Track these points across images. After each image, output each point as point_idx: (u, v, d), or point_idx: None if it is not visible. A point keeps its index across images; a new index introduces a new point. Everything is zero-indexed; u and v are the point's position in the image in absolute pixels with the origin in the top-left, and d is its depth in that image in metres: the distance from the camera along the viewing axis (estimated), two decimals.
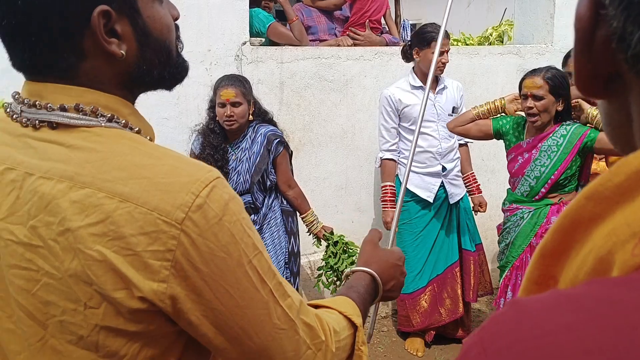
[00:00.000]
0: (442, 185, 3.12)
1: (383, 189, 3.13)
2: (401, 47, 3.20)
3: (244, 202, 2.67)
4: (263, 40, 3.30)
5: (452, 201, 3.15)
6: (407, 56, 3.10)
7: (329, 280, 2.80)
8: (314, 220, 2.87)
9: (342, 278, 2.78)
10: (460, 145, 3.23)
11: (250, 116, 2.69)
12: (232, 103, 2.60)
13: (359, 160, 3.45)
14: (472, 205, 3.28)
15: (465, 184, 3.25)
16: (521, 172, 2.62)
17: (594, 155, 3.04)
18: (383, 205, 3.13)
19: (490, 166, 3.76)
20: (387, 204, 3.10)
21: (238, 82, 2.66)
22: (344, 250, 2.81)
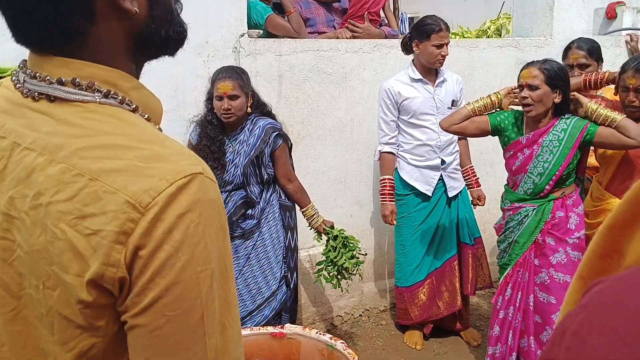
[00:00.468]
0: (441, 179, 3.11)
1: (382, 182, 3.12)
2: (400, 39, 3.18)
3: (241, 195, 2.69)
4: (261, 32, 3.27)
5: (451, 195, 3.14)
6: (406, 48, 3.08)
7: (330, 274, 2.78)
8: (314, 214, 2.85)
9: (342, 272, 2.77)
10: (459, 138, 3.21)
11: (249, 108, 2.67)
12: (230, 96, 2.57)
13: (358, 154, 3.44)
14: (471, 199, 3.27)
15: (464, 177, 3.24)
16: (523, 169, 2.54)
17: (593, 149, 3.04)
18: (382, 198, 3.11)
19: (489, 160, 3.75)
20: (386, 197, 3.08)
21: (236, 74, 2.63)
22: (344, 244, 2.79)
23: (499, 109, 2.66)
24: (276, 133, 2.68)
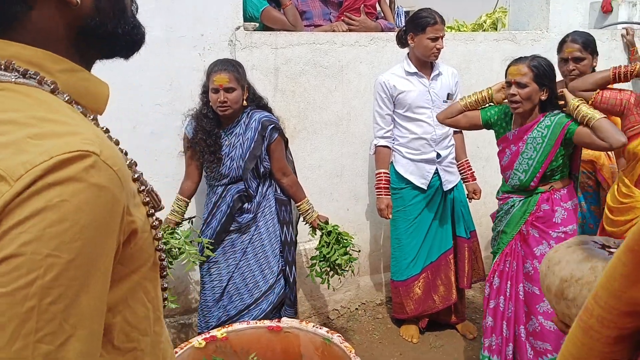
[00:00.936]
0: (436, 173, 3.11)
1: (377, 176, 3.11)
2: (396, 32, 3.18)
3: (237, 189, 2.69)
4: (257, 25, 3.25)
5: (446, 188, 3.15)
6: (402, 42, 3.07)
7: (322, 270, 2.78)
8: (309, 209, 2.85)
9: (334, 268, 2.76)
10: (455, 132, 3.21)
11: (245, 102, 2.66)
12: (226, 89, 2.56)
13: (354, 148, 3.43)
14: (466, 193, 3.27)
15: (459, 171, 3.25)
16: (511, 166, 2.57)
17: None
18: (377, 192, 3.11)
19: (485, 153, 3.76)
20: (382, 191, 3.08)
21: (231, 66, 2.62)
22: (337, 240, 2.79)
23: (491, 104, 2.68)
24: (272, 126, 2.68)
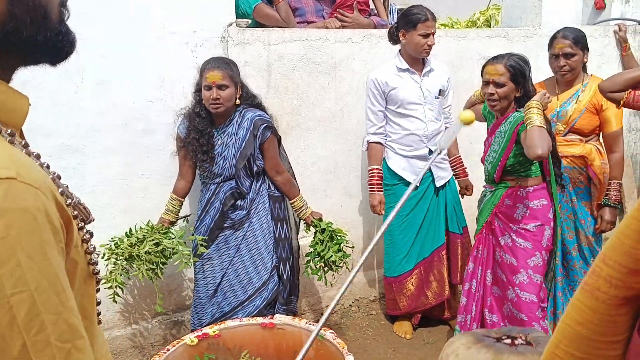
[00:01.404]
0: (428, 169, 3.11)
1: (370, 172, 3.11)
2: (388, 29, 3.17)
3: (229, 187, 2.68)
4: (250, 21, 3.24)
5: (439, 184, 3.15)
6: (393, 38, 3.07)
7: (317, 267, 2.78)
8: (303, 205, 2.85)
9: (329, 265, 2.77)
10: (446, 128, 3.22)
11: (238, 100, 2.65)
12: (219, 86, 2.56)
13: (347, 144, 3.43)
14: (458, 189, 3.28)
15: (451, 167, 3.25)
16: (484, 157, 2.73)
17: (580, 138, 3.05)
18: (370, 188, 3.11)
19: (478, 150, 3.74)
20: (374, 188, 3.09)
21: (225, 64, 2.61)
22: (331, 237, 2.79)
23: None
24: (264, 125, 2.67)
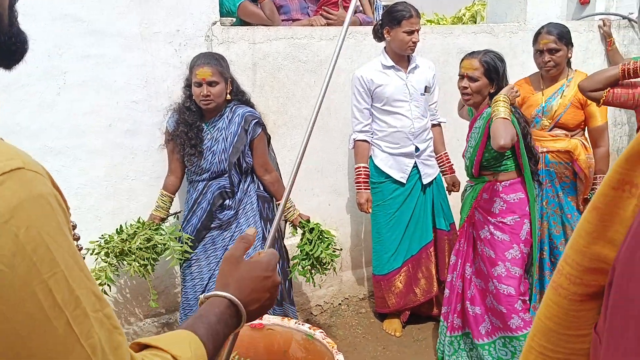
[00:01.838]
0: (415, 166, 3.12)
1: (357, 170, 3.11)
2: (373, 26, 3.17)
3: (219, 185, 2.66)
4: (234, 20, 3.21)
5: (426, 181, 3.15)
6: (378, 35, 3.06)
7: (305, 268, 2.77)
8: (290, 207, 2.83)
9: (316, 266, 2.76)
10: (433, 125, 3.22)
11: (228, 95, 2.64)
12: (209, 82, 2.55)
13: (334, 142, 3.42)
14: (445, 185, 3.28)
15: (438, 163, 3.26)
16: (464, 153, 2.77)
17: (566, 133, 3.07)
18: (357, 187, 3.11)
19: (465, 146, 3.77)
20: (361, 186, 3.08)
21: (215, 60, 2.60)
22: (320, 237, 2.78)
23: None
24: (255, 121, 2.67)
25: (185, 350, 0.72)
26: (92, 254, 2.60)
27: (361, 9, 3.87)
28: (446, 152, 3.30)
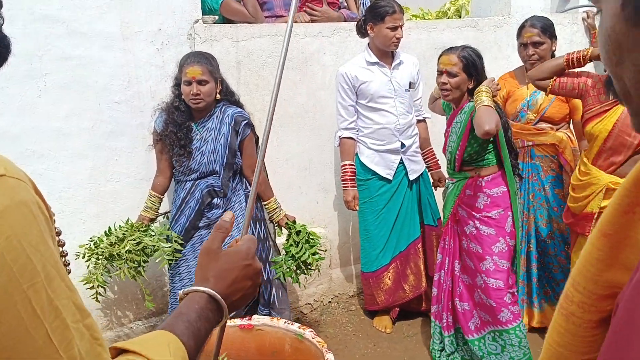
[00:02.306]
0: (401, 162, 3.11)
1: (343, 167, 3.10)
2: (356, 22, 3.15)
3: (207, 183, 2.63)
4: (217, 17, 3.18)
5: (412, 177, 3.15)
6: (361, 32, 3.05)
7: (289, 269, 2.75)
8: (277, 207, 2.82)
9: (302, 267, 2.75)
10: (418, 121, 3.22)
11: (218, 95, 2.62)
12: (199, 81, 2.53)
13: (321, 140, 3.40)
14: (432, 181, 3.28)
15: (424, 159, 3.25)
16: (445, 148, 2.78)
17: (551, 126, 3.08)
18: (343, 184, 3.10)
19: None
20: (348, 183, 3.07)
21: (204, 59, 2.58)
22: (306, 239, 2.76)
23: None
24: (245, 122, 2.66)
25: (163, 353, 0.70)
26: (82, 258, 2.57)
27: (345, 4, 3.85)
28: (432, 148, 3.30)
